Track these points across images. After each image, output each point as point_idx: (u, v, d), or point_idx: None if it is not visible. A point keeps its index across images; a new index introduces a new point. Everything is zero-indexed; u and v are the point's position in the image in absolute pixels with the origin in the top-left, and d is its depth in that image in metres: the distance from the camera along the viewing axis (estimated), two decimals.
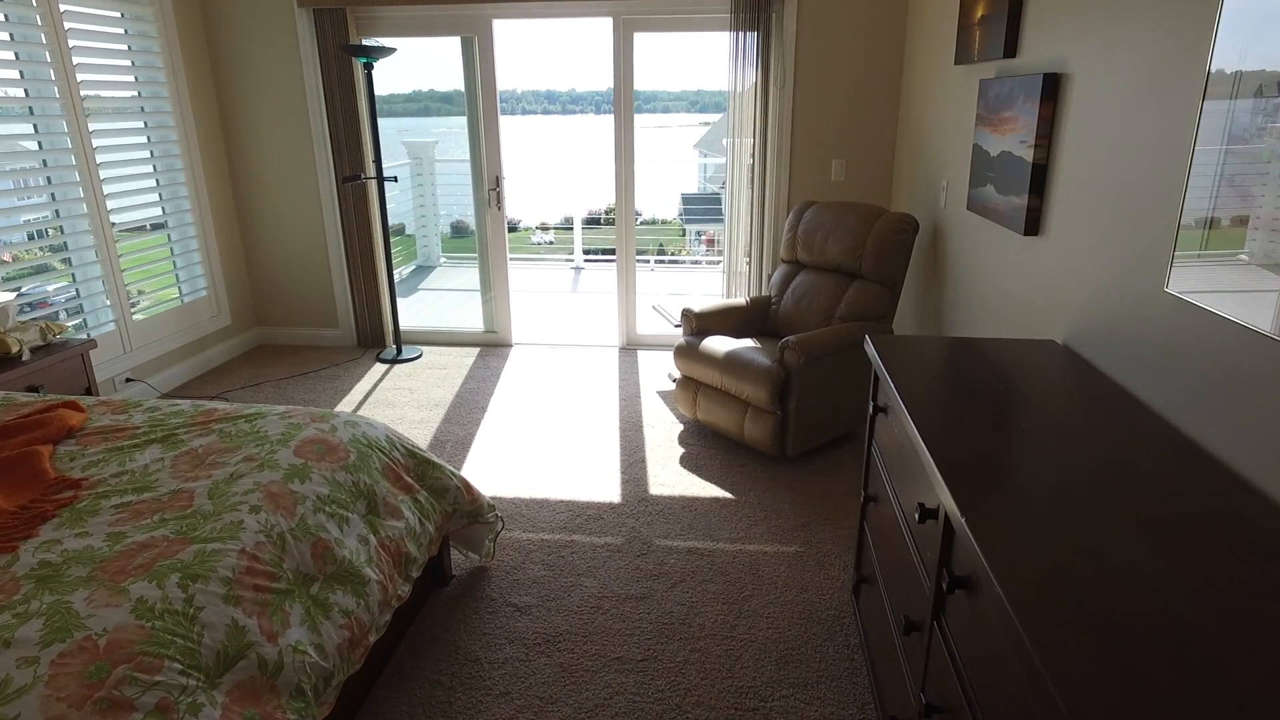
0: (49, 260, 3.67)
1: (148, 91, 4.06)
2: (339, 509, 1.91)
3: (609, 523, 2.87)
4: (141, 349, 4.01)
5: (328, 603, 1.73)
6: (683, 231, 13.12)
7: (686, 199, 15.93)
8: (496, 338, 4.92)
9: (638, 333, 4.85)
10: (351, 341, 4.91)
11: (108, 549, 1.56)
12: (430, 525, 2.19)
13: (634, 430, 3.64)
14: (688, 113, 36.74)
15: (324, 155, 4.56)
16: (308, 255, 4.78)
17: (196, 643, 1.42)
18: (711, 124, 24.00)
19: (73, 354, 3.07)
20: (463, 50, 4.58)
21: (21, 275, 3.51)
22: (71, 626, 1.33)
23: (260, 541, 1.67)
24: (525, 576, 2.55)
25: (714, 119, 24.51)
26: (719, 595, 2.45)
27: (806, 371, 3.11)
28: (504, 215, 4.73)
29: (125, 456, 1.95)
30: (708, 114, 27.63)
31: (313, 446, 2.03)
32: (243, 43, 4.42)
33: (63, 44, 3.49)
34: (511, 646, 2.23)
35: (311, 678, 1.58)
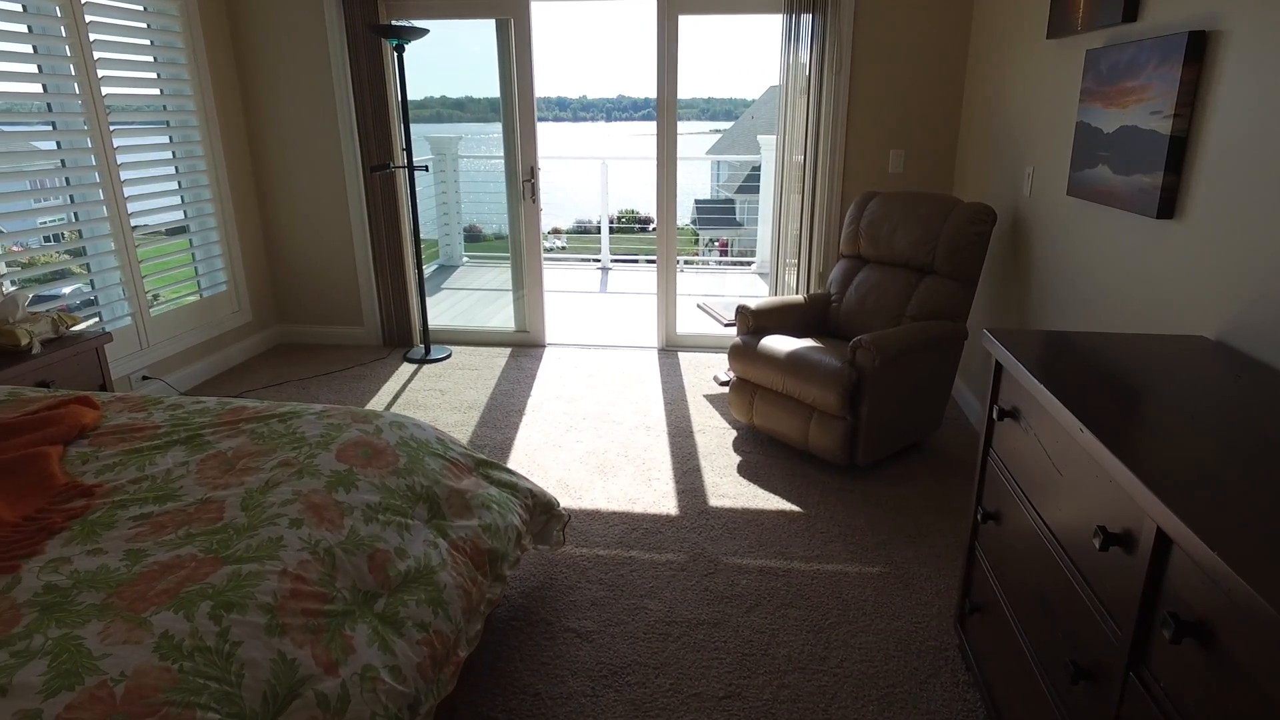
0: (68, 265, 3.45)
1: (170, 89, 3.85)
2: (395, 516, 1.66)
3: (668, 538, 2.61)
4: (159, 345, 3.78)
5: (399, 618, 1.47)
6: (696, 238, 12.90)
7: (700, 205, 15.72)
8: (528, 338, 4.68)
9: (678, 333, 4.60)
10: (377, 340, 4.67)
11: (125, 570, 1.31)
12: (513, 516, 1.94)
13: (684, 436, 3.38)
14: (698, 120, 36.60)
15: (351, 145, 4.33)
16: (332, 250, 4.55)
17: (236, 685, 1.17)
18: (723, 131, 23.83)
19: (86, 348, 2.84)
20: (497, 33, 4.36)
21: (41, 279, 3.27)
22: (82, 670, 1.09)
23: (305, 559, 1.42)
24: (583, 598, 2.29)
25: (725, 126, 24.31)
26: (801, 622, 2.19)
27: (880, 374, 2.85)
28: (538, 208, 4.49)
29: (145, 460, 1.70)
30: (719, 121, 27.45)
31: (357, 450, 1.78)
32: (268, 28, 4.20)
33: (84, 40, 3.27)
34: (575, 679, 1.97)
35: (390, 707, 1.32)
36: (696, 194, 17.63)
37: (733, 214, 15.92)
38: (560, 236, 12.23)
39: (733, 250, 12.16)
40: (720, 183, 18.72)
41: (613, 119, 57.88)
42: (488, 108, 7.56)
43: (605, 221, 7.45)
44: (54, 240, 3.70)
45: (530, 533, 2.07)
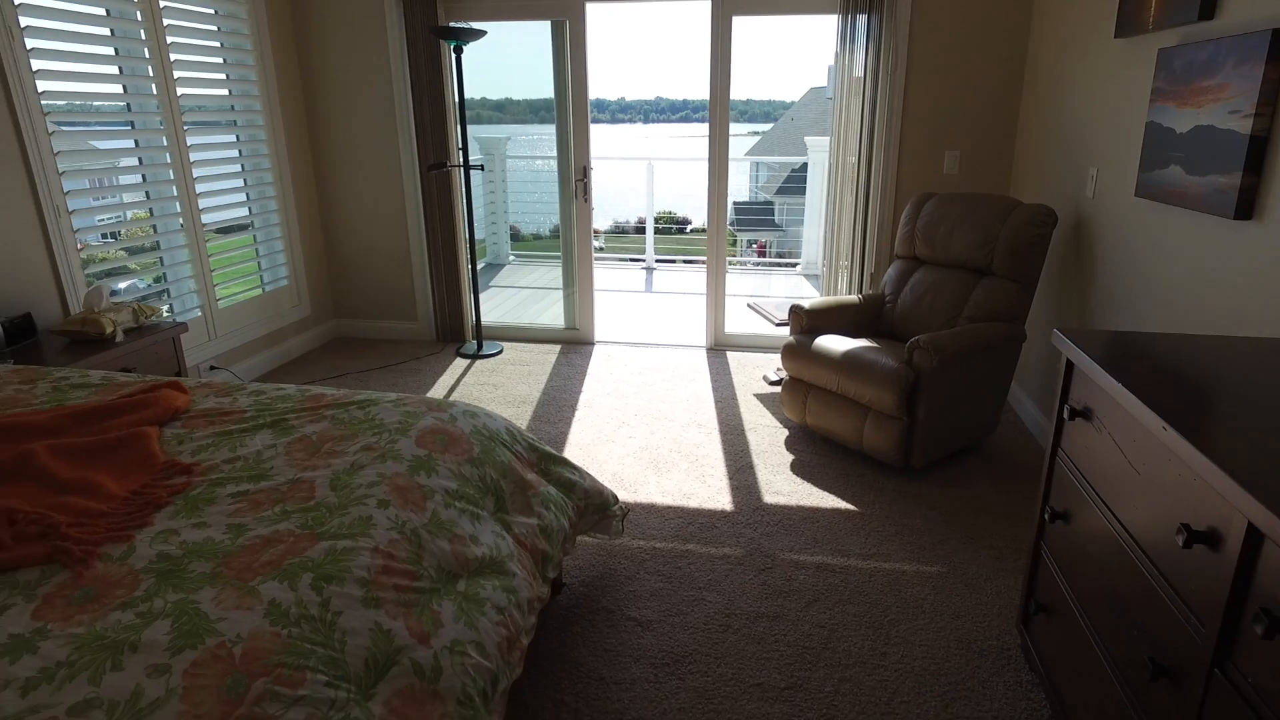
0: (143, 259, 3.59)
1: (238, 90, 3.97)
2: (469, 505, 1.72)
3: (724, 532, 2.63)
4: (225, 337, 3.91)
5: (479, 598, 1.52)
6: (734, 240, 12.88)
7: (738, 207, 15.67)
8: (578, 335, 4.74)
9: (726, 332, 4.62)
10: (430, 335, 4.77)
11: (230, 542, 1.38)
12: (564, 520, 1.99)
13: (735, 434, 3.40)
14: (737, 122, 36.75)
15: (408, 144, 4.44)
16: (388, 246, 4.66)
17: (340, 651, 1.23)
18: (762, 133, 23.76)
19: (164, 337, 2.96)
20: (552, 35, 4.42)
21: (116, 273, 3.42)
22: (202, 631, 1.15)
23: (394, 539, 1.47)
24: (642, 588, 2.33)
25: (764, 128, 24.24)
26: (860, 618, 2.20)
27: (938, 375, 2.84)
28: (590, 207, 4.55)
29: (235, 442, 1.78)
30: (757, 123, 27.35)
31: (434, 437, 1.84)
32: (330, 32, 4.32)
33: (162, 43, 3.41)
34: (638, 666, 2.01)
35: (477, 681, 1.37)
36: (734, 195, 17.60)
37: (771, 216, 15.87)
38: (598, 237, 12.32)
39: (770, 253, 12.12)
40: (759, 185, 18.66)
41: (650, 121, 58.07)
42: (526, 109, 7.66)
43: (650, 222, 7.49)
44: (112, 238, 3.84)
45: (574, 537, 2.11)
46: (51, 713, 1.00)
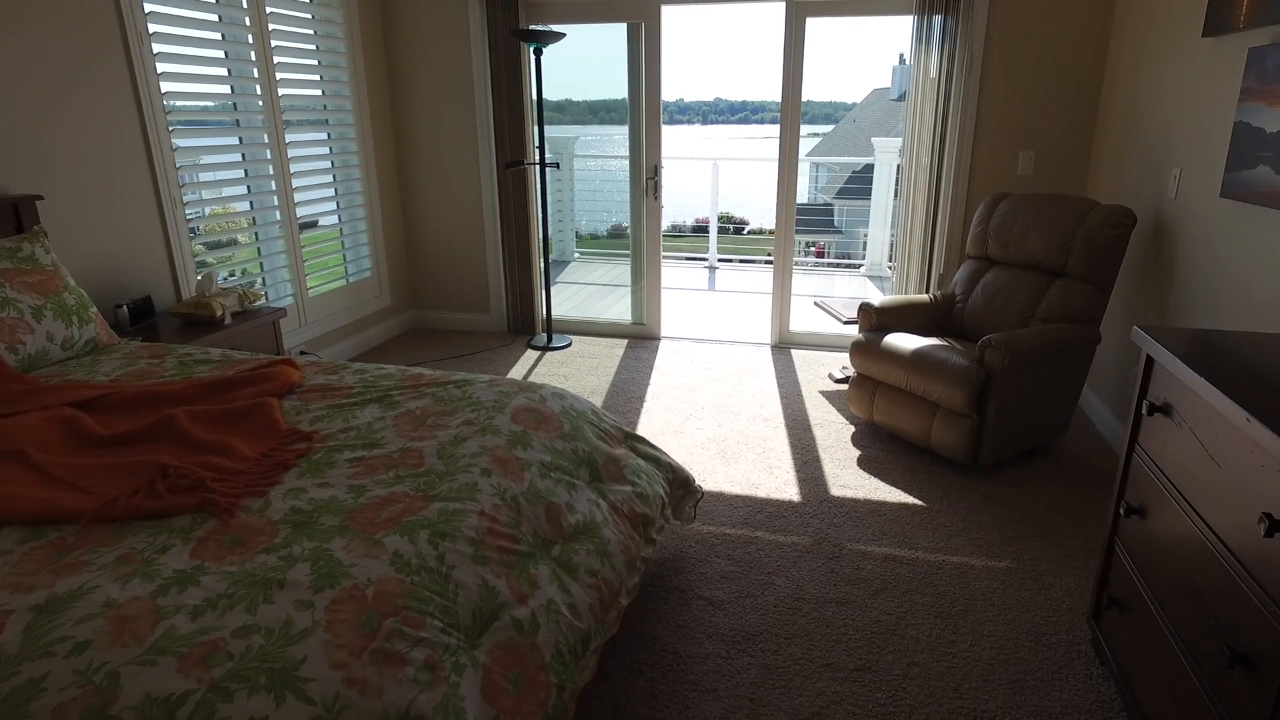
0: (244, 251, 3.84)
1: (331, 90, 4.19)
2: (564, 475, 1.83)
3: (792, 522, 2.70)
4: (314, 324, 4.14)
5: (572, 563, 1.64)
6: (794, 243, 12.79)
7: (798, 209, 15.57)
8: (644, 330, 4.84)
9: (791, 330, 4.66)
10: (502, 328, 4.94)
11: (352, 500, 1.52)
12: (659, 487, 2.09)
13: (802, 429, 3.46)
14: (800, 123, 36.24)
15: (487, 143, 4.61)
16: (465, 241, 4.84)
17: (453, 600, 1.35)
18: (822, 135, 23.51)
19: (265, 321, 3.17)
20: (628, 37, 4.54)
21: (221, 261, 3.67)
22: (338, 574, 1.29)
23: (497, 504, 1.60)
24: (713, 570, 2.41)
25: (824, 130, 23.98)
26: (928, 607, 2.24)
27: (1009, 374, 2.85)
28: (660, 205, 4.65)
29: (347, 414, 1.93)
30: (816, 125, 27.08)
31: (527, 414, 1.96)
32: (417, 36, 4.52)
33: (267, 47, 3.64)
34: (710, 642, 2.10)
35: (569, 638, 1.49)
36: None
37: (830, 218, 15.73)
38: None
39: (829, 255, 12.02)
40: (819, 186, 18.52)
41: (709, 122, 58.02)
42: (586, 110, 7.82)
43: (714, 221, 7.57)
44: (217, 229, 4.10)
45: (671, 503, 2.21)
46: (219, 634, 1.14)
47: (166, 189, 3.17)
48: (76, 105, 2.82)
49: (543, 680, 1.38)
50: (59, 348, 2.33)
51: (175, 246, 3.24)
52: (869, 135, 14.24)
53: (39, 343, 2.26)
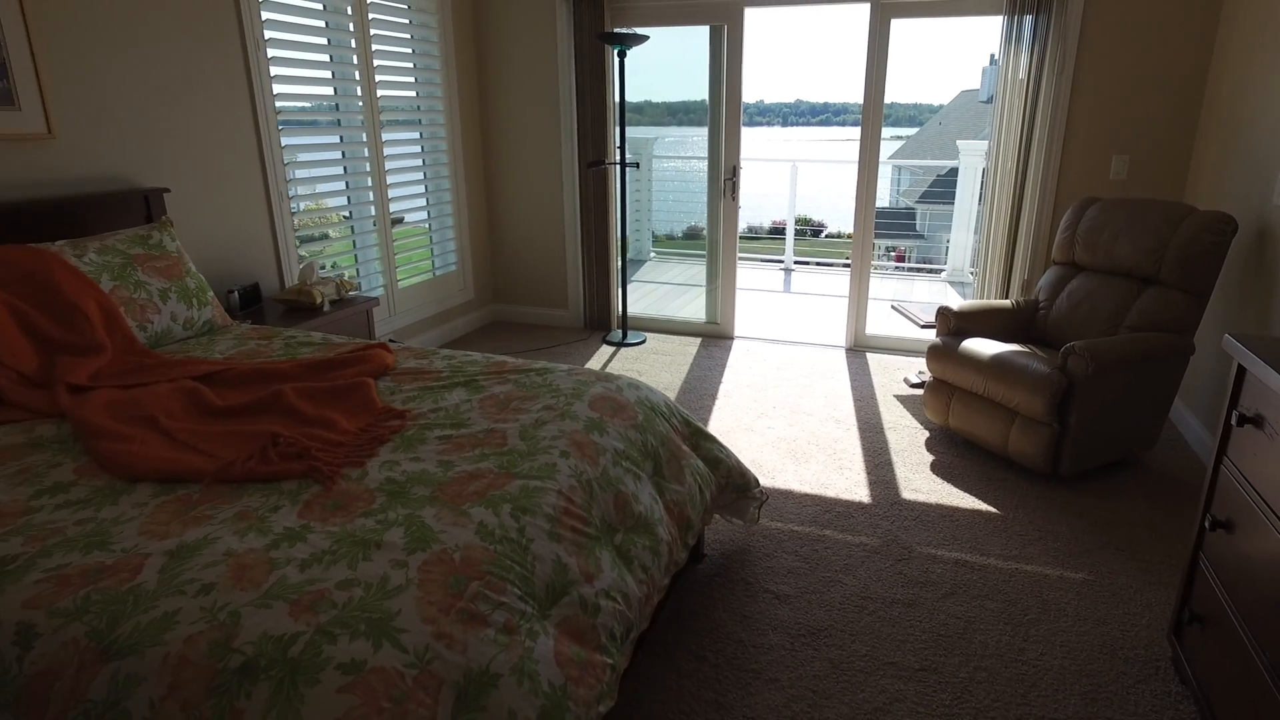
0: (340, 244, 4.07)
1: (424, 90, 4.39)
2: (632, 465, 1.91)
3: (860, 522, 2.70)
4: (402, 314, 4.34)
5: (629, 554, 1.72)
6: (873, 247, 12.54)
7: (878, 213, 15.23)
8: (718, 329, 4.89)
9: (867, 334, 4.63)
10: (579, 323, 5.06)
11: (441, 474, 1.63)
12: (707, 494, 2.15)
13: (874, 432, 3.44)
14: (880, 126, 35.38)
15: (570, 142, 4.74)
16: (545, 238, 4.99)
17: (530, 572, 1.44)
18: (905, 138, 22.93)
19: (360, 309, 3.36)
20: (710, 39, 4.59)
21: (320, 252, 3.90)
22: (429, 539, 1.39)
23: (573, 485, 1.68)
24: (779, 565, 2.45)
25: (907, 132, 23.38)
26: (998, 614, 2.22)
27: (1094, 382, 2.78)
28: (737, 206, 4.69)
29: (436, 396, 2.06)
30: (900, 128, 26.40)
31: (604, 403, 2.05)
32: (506, 38, 4.68)
33: (368, 49, 3.85)
34: (775, 634, 2.13)
35: (620, 625, 1.56)
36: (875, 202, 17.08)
37: (913, 223, 15.36)
38: None
39: (910, 260, 11.75)
40: (901, 190, 18.11)
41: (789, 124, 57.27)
42: (665, 112, 7.89)
43: (791, 223, 7.54)
44: (317, 223, 4.35)
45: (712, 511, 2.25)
46: (324, 585, 1.25)
47: (275, 184, 3.40)
48: (200, 105, 3.06)
49: (598, 660, 1.45)
50: (181, 327, 2.55)
51: (281, 238, 3.47)
52: (955, 138, 13.85)
53: (164, 322, 2.48)
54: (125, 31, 2.77)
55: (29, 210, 2.46)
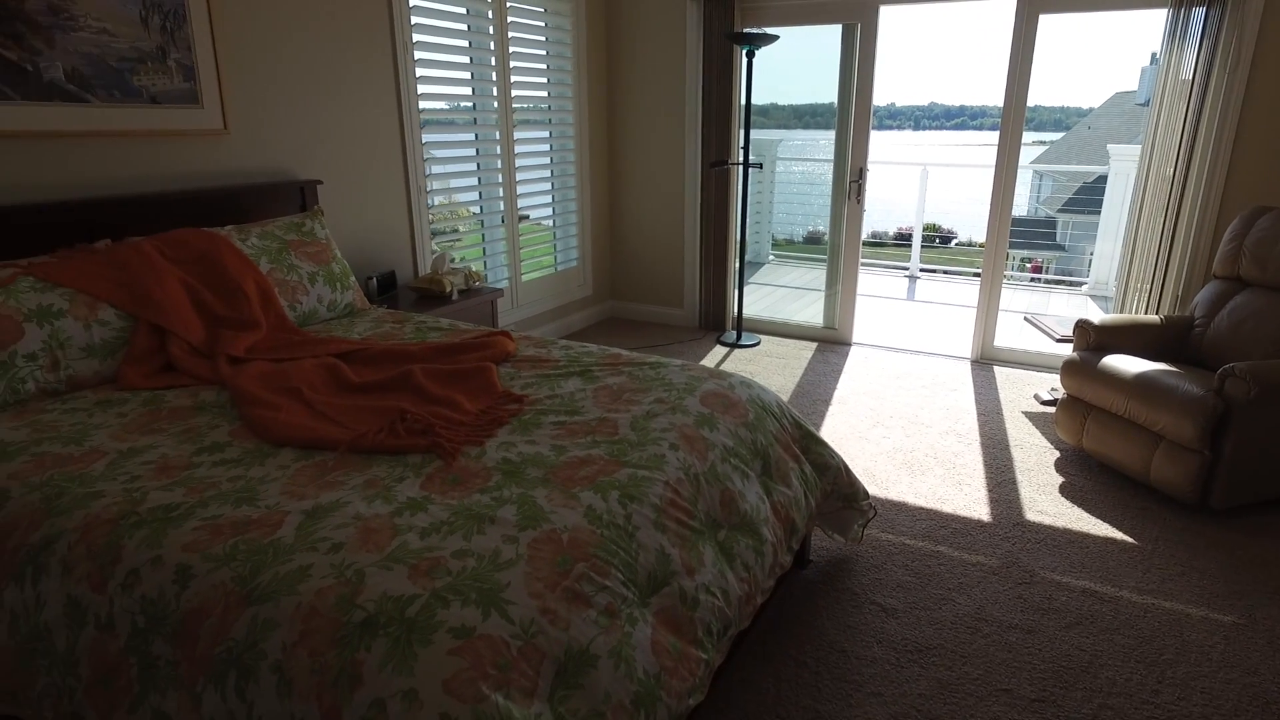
0: (469, 236, 4.27)
1: (556, 92, 4.52)
2: (741, 463, 1.90)
3: (978, 541, 2.58)
4: (524, 306, 4.50)
5: (732, 552, 1.71)
6: (1006, 257, 11.84)
7: (1014, 223, 14.35)
8: (835, 334, 4.78)
9: (995, 346, 4.39)
10: (693, 323, 5.08)
11: (554, 458, 1.68)
12: (812, 500, 2.11)
13: (998, 448, 3.27)
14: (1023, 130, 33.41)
15: (693, 142, 4.76)
16: (665, 236, 5.03)
17: (634, 559, 1.47)
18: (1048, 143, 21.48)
19: (485, 299, 3.51)
20: (842, 38, 4.49)
21: (451, 244, 4.11)
22: (539, 518, 1.44)
23: (680, 478, 1.70)
24: (888, 578, 2.37)
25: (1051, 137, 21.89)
26: (1129, 650, 2.06)
27: (1255, 408, 2.53)
28: (862, 209, 4.57)
29: (552, 384, 2.12)
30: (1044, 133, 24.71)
31: (716, 399, 2.05)
32: (636, 38, 4.76)
33: (505, 53, 4.01)
34: (880, 647, 2.07)
35: (717, 622, 1.56)
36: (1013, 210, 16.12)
37: (1053, 234, 14.40)
38: None
39: (1047, 273, 11.02)
40: (1041, 199, 17.03)
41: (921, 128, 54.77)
42: (791, 115, 7.75)
43: (919, 228, 7.26)
44: (449, 217, 4.56)
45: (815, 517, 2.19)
46: (441, 553, 1.33)
47: (414, 179, 3.61)
48: (353, 105, 3.29)
49: (693, 653, 1.46)
50: (325, 309, 2.75)
51: (417, 230, 3.68)
52: (1105, 143, 12.91)
53: (311, 303, 2.68)
54: (292, 38, 3.02)
55: (205, 198, 2.73)
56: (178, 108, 2.68)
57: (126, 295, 2.20)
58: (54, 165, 2.41)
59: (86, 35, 2.43)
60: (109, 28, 2.48)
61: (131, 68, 2.54)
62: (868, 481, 2.98)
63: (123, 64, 2.52)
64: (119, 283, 2.21)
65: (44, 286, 2.08)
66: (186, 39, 2.68)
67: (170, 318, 2.23)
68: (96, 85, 2.46)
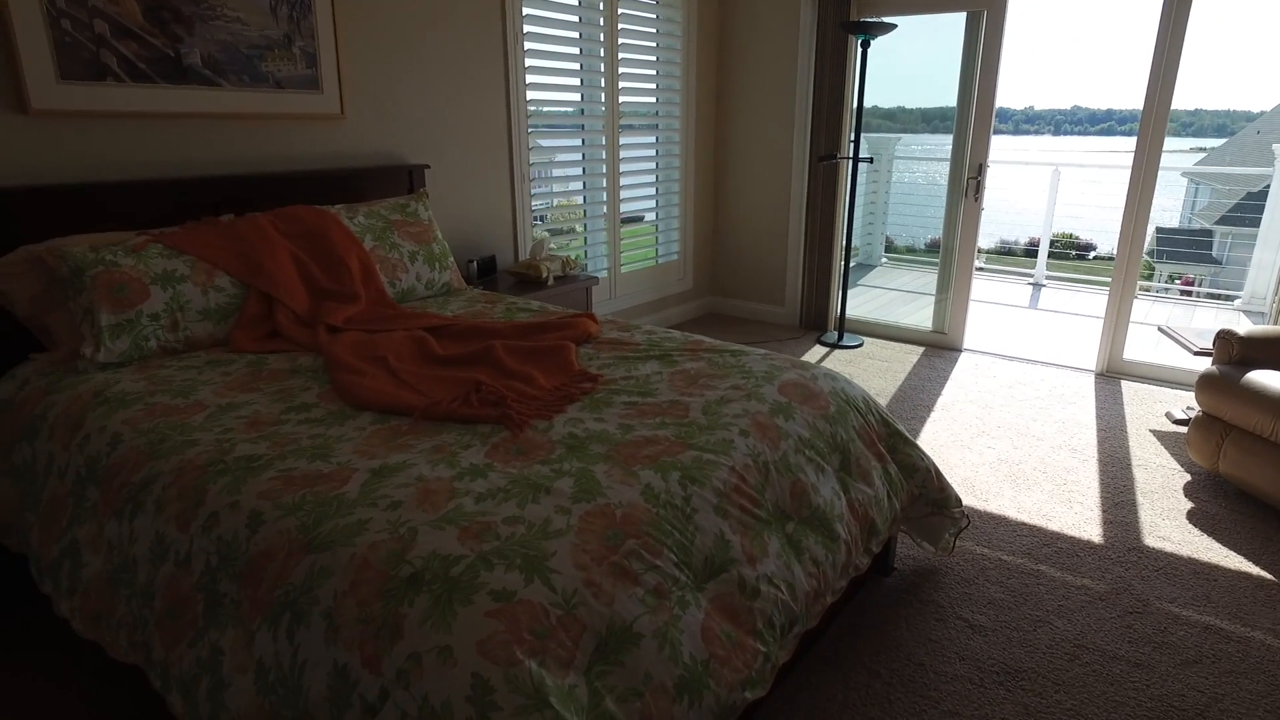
0: (571, 226, 4.33)
1: (664, 95, 4.50)
2: (817, 456, 1.82)
3: (1086, 563, 2.36)
4: (622, 297, 4.52)
5: (801, 546, 1.64)
6: (1149, 272, 10.88)
7: (1162, 235, 13.18)
8: (945, 339, 4.53)
9: (1123, 359, 4.04)
10: (794, 321, 4.95)
11: (620, 436, 1.66)
12: (896, 502, 2.00)
13: (1118, 468, 2.99)
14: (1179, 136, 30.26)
15: (802, 136, 4.63)
16: (768, 232, 4.93)
17: (690, 541, 1.42)
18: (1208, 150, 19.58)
19: (580, 287, 3.54)
20: (966, 27, 4.25)
21: (552, 232, 4.19)
22: (594, 492, 1.42)
23: (747, 464, 1.64)
24: (979, 594, 2.21)
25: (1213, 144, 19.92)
26: (1258, 697, 1.83)
27: None
28: (980, 207, 4.31)
29: (630, 366, 2.10)
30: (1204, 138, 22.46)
31: (795, 389, 1.97)
32: (749, 30, 4.68)
33: (614, 59, 4.04)
34: (962, 664, 1.93)
35: (781, 616, 1.50)
36: (1159, 220, 14.86)
37: (1209, 248, 13.13)
38: (980, 256, 11.37)
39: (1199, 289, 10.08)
40: (1196, 210, 15.58)
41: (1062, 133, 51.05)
42: (919, 118, 7.41)
43: (1047, 231, 6.80)
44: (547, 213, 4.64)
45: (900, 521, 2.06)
46: (493, 518, 1.33)
47: (519, 168, 3.70)
48: (463, 97, 3.40)
49: (750, 645, 1.39)
50: (423, 287, 2.85)
51: (519, 219, 3.76)
52: (1272, 144, 11.68)
53: (410, 280, 2.79)
54: (407, 28, 3.15)
55: (319, 178, 2.88)
56: (300, 93, 2.85)
57: (241, 265, 2.35)
58: (187, 144, 2.61)
59: (222, 24, 2.61)
60: (242, 16, 2.65)
61: (260, 54, 2.72)
62: (966, 492, 2.80)
63: (252, 51, 2.70)
64: (236, 253, 2.36)
65: (170, 253, 2.25)
66: (311, 27, 2.83)
67: (279, 287, 2.37)
68: (229, 70, 2.65)
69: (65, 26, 2.27)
